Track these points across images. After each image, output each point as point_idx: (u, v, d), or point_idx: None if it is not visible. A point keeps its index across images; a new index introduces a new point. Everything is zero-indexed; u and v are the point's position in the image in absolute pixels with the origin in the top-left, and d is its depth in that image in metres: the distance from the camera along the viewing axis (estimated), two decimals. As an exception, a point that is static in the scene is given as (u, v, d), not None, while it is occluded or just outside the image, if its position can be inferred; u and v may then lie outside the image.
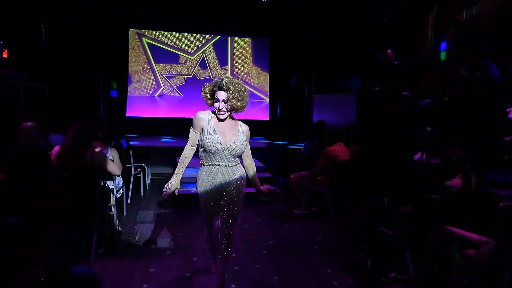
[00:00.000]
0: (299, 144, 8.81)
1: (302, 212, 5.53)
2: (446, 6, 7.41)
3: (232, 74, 10.92)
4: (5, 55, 5.86)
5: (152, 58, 10.33)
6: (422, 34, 7.84)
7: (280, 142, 9.40)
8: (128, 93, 10.06)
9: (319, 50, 9.91)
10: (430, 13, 7.77)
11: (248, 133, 2.97)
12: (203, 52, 10.75)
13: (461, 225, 3.13)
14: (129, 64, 10.10)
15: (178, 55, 10.53)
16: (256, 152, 7.81)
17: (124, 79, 9.99)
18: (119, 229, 4.43)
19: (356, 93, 6.73)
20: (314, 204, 5.72)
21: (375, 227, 3.85)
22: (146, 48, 10.28)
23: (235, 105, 2.73)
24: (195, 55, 10.67)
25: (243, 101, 2.76)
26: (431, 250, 3.12)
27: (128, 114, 10.01)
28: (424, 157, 5.13)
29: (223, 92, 2.71)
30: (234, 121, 2.90)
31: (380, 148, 5.36)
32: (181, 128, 10.08)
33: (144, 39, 10.29)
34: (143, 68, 10.26)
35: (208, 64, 10.77)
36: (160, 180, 7.29)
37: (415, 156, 5.44)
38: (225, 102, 2.72)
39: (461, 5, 6.96)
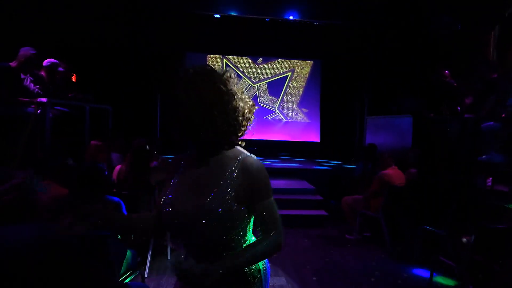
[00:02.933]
0: (350, 166, 8.62)
1: (354, 237, 5.36)
2: (509, 25, 7.05)
3: (284, 94, 11.07)
4: (73, 79, 6.33)
5: None
6: (483, 54, 7.48)
7: (331, 164, 9.26)
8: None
9: (371, 71, 9.77)
10: (492, 32, 7.42)
11: (259, 177, 1.42)
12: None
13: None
14: None
15: (245, 82, 10.96)
16: (306, 174, 7.82)
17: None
18: (171, 246, 4.54)
19: (412, 116, 6.51)
20: (367, 229, 5.53)
21: (435, 257, 3.64)
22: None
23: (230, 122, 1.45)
24: (256, 84, 11.00)
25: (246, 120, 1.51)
26: (497, 284, 2.89)
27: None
28: (489, 184, 4.82)
29: None
30: (226, 154, 1.48)
31: (441, 173, 5.11)
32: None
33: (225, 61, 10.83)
34: None
35: (258, 94, 11.04)
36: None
37: (479, 182, 5.12)
38: None
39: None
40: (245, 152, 1.50)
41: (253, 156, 1.48)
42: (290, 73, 11.16)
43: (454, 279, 3.80)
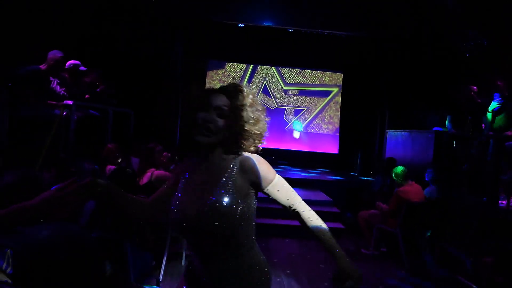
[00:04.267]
0: (368, 178, 8.52)
1: (371, 252, 5.28)
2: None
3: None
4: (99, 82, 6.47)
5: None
6: (509, 71, 7.32)
7: (350, 176, 9.17)
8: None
9: (393, 83, 9.67)
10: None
11: (261, 167, 1.51)
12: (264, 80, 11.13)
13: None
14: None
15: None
16: (324, 186, 7.76)
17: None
18: (187, 252, 4.56)
19: (435, 132, 6.40)
20: (384, 244, 5.44)
21: (454, 277, 3.56)
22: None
23: (240, 127, 1.49)
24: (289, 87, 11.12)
25: (258, 126, 1.54)
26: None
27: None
28: (511, 204, 4.69)
29: (222, 95, 1.51)
30: (227, 157, 1.52)
31: (462, 191, 5.00)
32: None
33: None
34: None
35: (271, 92, 11.07)
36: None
37: (501, 202, 4.99)
38: (220, 116, 1.48)
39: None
40: (248, 154, 1.54)
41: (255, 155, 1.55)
42: (336, 89, 11.19)
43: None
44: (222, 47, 10.20)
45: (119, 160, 4.46)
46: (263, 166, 1.51)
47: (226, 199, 1.42)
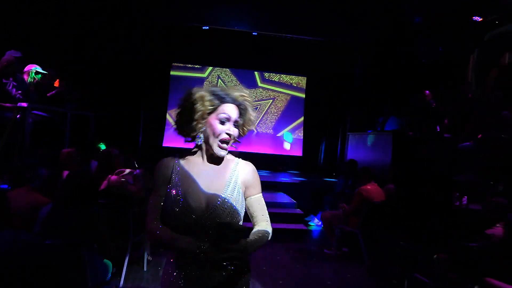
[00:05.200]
0: (331, 180, 8.69)
1: (333, 252, 5.38)
2: (488, 49, 7.30)
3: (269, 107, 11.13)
4: (56, 84, 6.25)
5: None
6: (462, 76, 7.71)
7: (313, 178, 9.31)
8: (166, 124, 10.41)
9: (356, 88, 9.93)
10: (471, 55, 7.67)
11: (255, 177, 1.73)
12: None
13: (503, 276, 2.94)
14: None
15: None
16: (288, 188, 7.85)
17: (163, 111, 10.36)
18: (149, 258, 4.47)
19: (392, 134, 6.63)
20: (346, 245, 5.56)
21: (410, 274, 3.69)
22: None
23: (245, 131, 1.72)
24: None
25: (251, 128, 1.74)
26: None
27: (164, 144, 10.30)
28: (465, 203, 4.93)
29: (235, 107, 1.63)
30: (230, 159, 1.73)
31: (418, 190, 5.20)
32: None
33: (220, 81, 10.83)
34: None
35: None
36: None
37: (455, 201, 5.22)
38: (236, 127, 1.64)
39: (503, 47, 6.84)
40: (244, 160, 1.76)
41: None
42: (271, 101, 11.25)
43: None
44: (186, 49, 10.09)
45: (77, 165, 4.32)
46: (257, 176, 1.74)
47: (235, 197, 1.60)
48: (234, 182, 1.64)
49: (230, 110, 1.60)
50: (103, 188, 3.96)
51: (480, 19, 7.19)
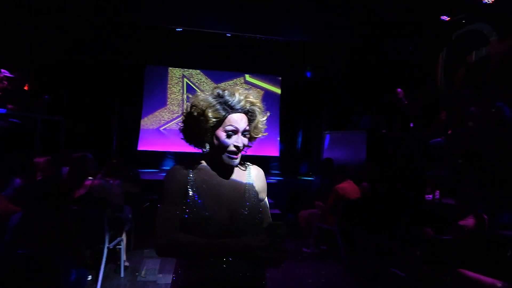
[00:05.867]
0: (308, 179, 8.77)
1: (311, 250, 5.42)
2: (455, 47, 7.53)
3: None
4: (26, 87, 6.06)
5: (185, 95, 10.64)
6: (432, 74, 7.92)
7: (290, 179, 9.37)
8: (141, 127, 10.25)
9: (331, 87, 10.05)
10: (440, 54, 7.89)
11: (265, 182, 1.73)
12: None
13: (475, 267, 3.04)
14: (168, 99, 10.43)
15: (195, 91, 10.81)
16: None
17: (137, 114, 10.20)
18: (126, 264, 4.39)
19: (366, 132, 6.75)
20: (324, 243, 5.62)
21: (386, 268, 3.76)
22: (184, 87, 10.68)
23: (256, 137, 1.65)
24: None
25: (262, 132, 1.67)
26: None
27: (139, 148, 10.13)
28: (437, 197, 5.06)
29: (243, 115, 1.55)
30: (241, 165, 1.68)
31: (392, 187, 5.31)
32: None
33: (185, 80, 10.68)
34: (172, 103, 10.57)
35: None
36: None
37: (428, 196, 5.36)
38: (245, 136, 1.55)
39: (470, 46, 7.07)
40: (254, 165, 1.74)
41: None
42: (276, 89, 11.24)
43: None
44: (160, 51, 9.94)
45: (49, 171, 4.20)
46: (265, 180, 1.73)
47: (255, 204, 1.57)
48: (252, 190, 1.61)
49: (237, 120, 1.51)
50: (83, 194, 3.87)
51: (447, 19, 7.41)
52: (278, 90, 11.37)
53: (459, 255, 3.37)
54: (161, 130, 10.50)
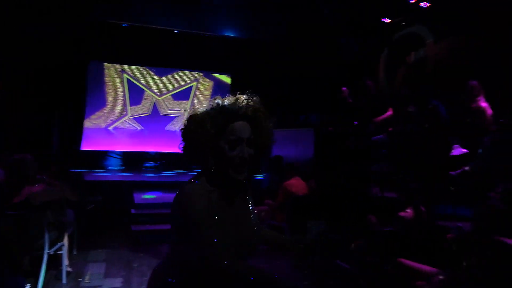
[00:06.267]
0: (258, 177, 8.83)
1: (261, 247, 5.46)
2: (396, 48, 7.91)
3: (192, 104, 10.95)
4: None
5: (127, 93, 10.25)
6: (375, 74, 8.27)
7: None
8: (85, 126, 9.80)
9: (280, 86, 10.17)
10: (382, 54, 8.26)
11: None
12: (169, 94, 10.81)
13: (414, 257, 3.21)
14: (106, 97, 9.98)
15: (145, 92, 10.49)
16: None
17: (80, 112, 9.74)
18: (68, 269, 4.18)
19: (313, 129, 6.92)
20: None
21: (332, 261, 3.88)
22: (125, 84, 10.24)
23: (263, 146, 1.51)
24: (162, 97, 10.69)
25: (271, 140, 1.56)
26: (385, 283, 3.17)
27: (83, 148, 9.69)
28: (379, 191, 5.30)
29: (246, 123, 1.44)
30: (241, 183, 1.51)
31: (338, 182, 5.49)
32: (140, 162, 10.00)
33: (125, 76, 10.24)
34: (113, 101, 10.13)
35: (166, 103, 10.77)
36: (117, 215, 7.01)
37: (371, 190, 5.59)
38: (249, 145, 1.42)
39: (409, 47, 7.46)
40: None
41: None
42: (195, 83, 11.07)
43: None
44: (104, 47, 9.53)
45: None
46: None
47: (258, 226, 1.59)
48: (253, 209, 1.60)
49: (240, 129, 1.39)
50: (22, 200, 3.62)
51: (388, 21, 7.76)
52: (228, 80, 11.31)
53: (400, 245, 3.55)
54: (109, 129, 10.12)
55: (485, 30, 5.68)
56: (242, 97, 1.48)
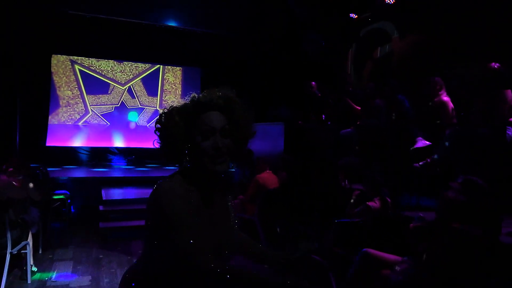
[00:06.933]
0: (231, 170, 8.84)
1: (232, 241, 5.48)
2: (363, 44, 8.08)
3: (160, 105, 10.78)
4: None
5: (84, 86, 9.92)
6: (343, 69, 8.43)
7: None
8: (49, 122, 9.48)
9: (250, 80, 10.19)
10: (350, 49, 8.42)
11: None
12: (134, 81, 10.54)
13: (380, 247, 3.32)
14: (57, 90, 9.61)
15: (108, 84, 10.20)
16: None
17: (45, 107, 9.41)
18: (33, 269, 4.06)
19: (283, 123, 6.98)
20: (245, 232, 5.70)
21: (302, 254, 3.95)
22: (78, 76, 9.86)
23: (243, 137, 1.48)
24: (126, 86, 10.42)
25: (251, 128, 1.53)
26: (352, 272, 3.25)
27: (48, 144, 9.38)
28: (347, 184, 5.41)
29: (219, 113, 1.39)
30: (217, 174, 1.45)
31: (307, 175, 5.56)
32: (106, 157, 9.79)
33: (76, 66, 9.86)
34: (72, 94, 9.79)
35: (136, 94, 10.54)
36: (84, 212, 6.85)
37: (340, 183, 5.70)
38: (225, 136, 1.38)
39: (376, 42, 7.64)
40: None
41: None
42: (160, 66, 10.89)
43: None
44: (68, 40, 9.22)
45: None
46: None
47: (236, 234, 1.58)
48: (232, 209, 1.58)
49: (211, 119, 1.35)
50: None
51: (355, 16, 7.91)
52: (198, 82, 11.22)
53: (367, 236, 3.65)
54: (76, 125, 9.84)
55: (447, 26, 5.89)
56: (216, 89, 1.44)
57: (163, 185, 1.34)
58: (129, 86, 10.46)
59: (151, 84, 10.73)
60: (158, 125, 1.39)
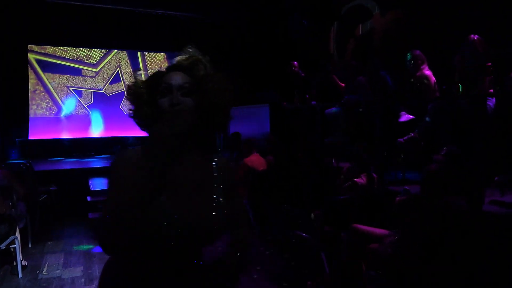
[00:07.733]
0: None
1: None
2: (345, 21, 8.04)
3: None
4: None
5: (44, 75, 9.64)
6: (326, 47, 8.39)
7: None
8: (33, 115, 9.29)
9: (235, 64, 10.09)
10: (332, 27, 8.37)
11: (233, 176, 1.47)
12: (118, 66, 10.34)
13: (368, 222, 3.38)
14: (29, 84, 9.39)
15: (80, 69, 9.96)
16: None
17: (24, 100, 9.20)
18: (23, 263, 4.03)
19: (269, 105, 6.97)
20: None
21: (292, 232, 4.00)
22: (34, 66, 9.55)
23: (210, 101, 1.31)
24: (99, 67, 10.18)
25: (226, 96, 1.40)
26: (342, 248, 3.32)
27: (31, 137, 9.20)
28: (334, 162, 5.46)
29: (180, 72, 1.29)
30: (204, 156, 1.38)
31: (294, 156, 5.60)
32: (91, 148, 9.65)
33: (30, 55, 9.52)
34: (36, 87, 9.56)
35: (122, 78, 10.37)
36: (72, 204, 6.79)
37: (327, 162, 5.75)
38: (185, 95, 1.25)
39: (357, 20, 7.60)
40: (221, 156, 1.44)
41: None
42: (142, 52, 10.70)
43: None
44: (44, 29, 8.92)
45: None
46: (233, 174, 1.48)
47: (219, 211, 1.28)
48: (217, 191, 1.33)
49: (170, 77, 1.25)
50: None
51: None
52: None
53: (354, 212, 3.72)
54: (57, 117, 9.65)
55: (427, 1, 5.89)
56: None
57: (119, 153, 1.32)
58: (117, 71, 10.30)
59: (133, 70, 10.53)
60: (127, 94, 1.31)
